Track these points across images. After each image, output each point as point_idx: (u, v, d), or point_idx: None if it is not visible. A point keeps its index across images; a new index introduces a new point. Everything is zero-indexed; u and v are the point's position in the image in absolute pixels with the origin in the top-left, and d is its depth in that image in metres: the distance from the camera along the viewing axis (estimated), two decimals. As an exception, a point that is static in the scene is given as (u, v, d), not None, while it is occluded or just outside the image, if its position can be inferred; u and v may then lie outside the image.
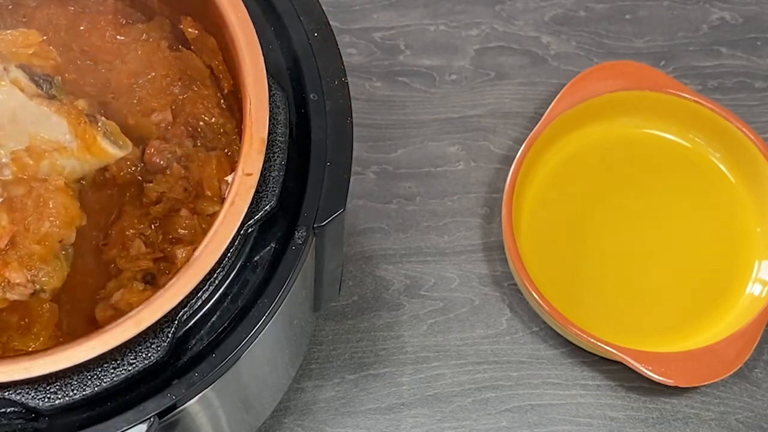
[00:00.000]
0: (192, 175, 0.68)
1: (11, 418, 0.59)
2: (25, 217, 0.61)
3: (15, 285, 0.61)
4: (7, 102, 0.60)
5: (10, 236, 0.60)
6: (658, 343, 0.86)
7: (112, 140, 0.63)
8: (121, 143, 0.64)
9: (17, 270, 0.60)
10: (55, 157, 0.62)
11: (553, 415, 0.86)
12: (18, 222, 0.61)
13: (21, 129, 0.61)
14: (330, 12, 0.69)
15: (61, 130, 0.61)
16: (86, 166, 0.63)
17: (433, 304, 0.89)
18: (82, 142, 0.62)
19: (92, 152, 0.62)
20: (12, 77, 0.60)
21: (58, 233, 0.61)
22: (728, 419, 0.86)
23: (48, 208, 0.61)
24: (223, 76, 0.70)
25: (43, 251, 0.61)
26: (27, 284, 0.61)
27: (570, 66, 0.98)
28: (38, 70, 0.62)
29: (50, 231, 0.61)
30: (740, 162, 0.92)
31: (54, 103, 0.61)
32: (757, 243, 0.90)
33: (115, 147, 0.64)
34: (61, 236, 0.62)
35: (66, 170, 0.62)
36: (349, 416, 0.85)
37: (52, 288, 0.62)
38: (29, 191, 0.61)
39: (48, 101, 0.61)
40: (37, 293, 0.62)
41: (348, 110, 0.66)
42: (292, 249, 0.62)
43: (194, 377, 0.59)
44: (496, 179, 0.94)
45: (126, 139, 0.65)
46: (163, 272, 0.66)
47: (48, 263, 0.61)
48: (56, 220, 0.61)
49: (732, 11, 1.02)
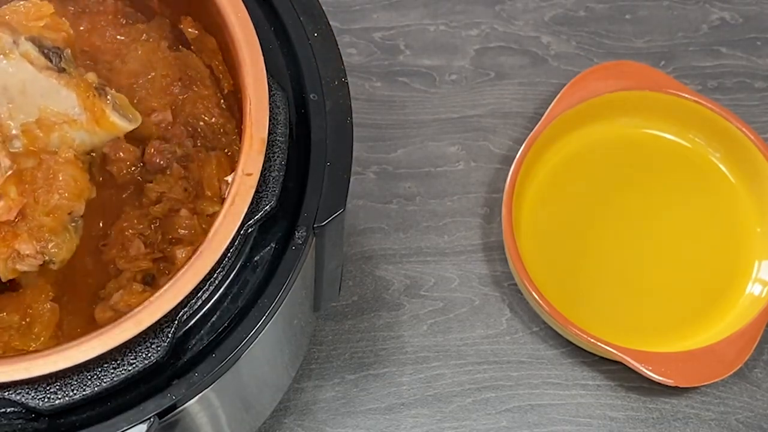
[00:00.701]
0: (192, 175, 0.68)
1: (11, 418, 0.59)
2: (35, 189, 0.61)
3: (25, 256, 0.61)
4: (16, 75, 0.60)
5: (20, 208, 0.61)
6: (658, 343, 0.86)
7: (121, 113, 0.64)
8: (131, 116, 0.65)
9: (27, 241, 0.61)
10: (64, 129, 0.62)
11: (553, 415, 0.86)
12: (28, 194, 0.61)
13: (30, 102, 0.61)
14: (330, 12, 0.69)
15: (70, 103, 0.62)
16: (96, 139, 0.64)
17: (433, 304, 0.89)
18: (91, 114, 0.62)
19: (101, 125, 0.63)
20: (22, 50, 0.61)
21: (68, 205, 0.62)
22: (728, 419, 0.86)
23: (57, 180, 0.62)
24: (223, 76, 0.70)
25: (52, 223, 0.62)
26: (36, 255, 0.61)
27: (570, 66, 0.98)
28: (48, 43, 0.62)
29: (60, 203, 0.62)
30: (740, 162, 0.92)
31: (63, 76, 0.62)
32: (757, 243, 0.90)
33: (124, 120, 0.64)
34: (71, 208, 0.62)
35: (76, 142, 0.63)
36: (349, 416, 0.85)
37: (61, 259, 0.63)
38: (39, 163, 0.62)
39: (57, 74, 0.61)
40: (47, 264, 0.62)
41: (348, 110, 0.66)
42: (292, 249, 0.62)
43: (194, 377, 0.59)
44: (496, 179, 0.94)
45: (135, 112, 0.66)
46: (163, 272, 0.66)
47: (57, 235, 0.62)
48: (65, 192, 0.62)
49: (732, 11, 1.02)
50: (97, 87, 0.63)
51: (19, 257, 0.61)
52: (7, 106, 0.61)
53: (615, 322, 0.87)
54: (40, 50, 0.61)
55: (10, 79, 0.60)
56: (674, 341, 0.87)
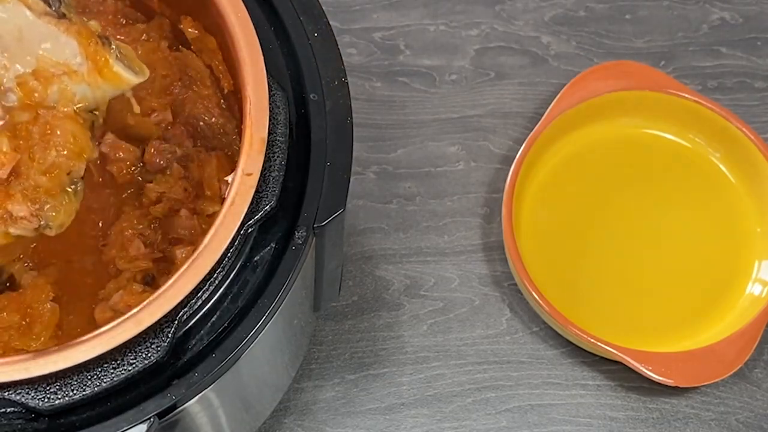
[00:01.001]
0: (192, 175, 0.68)
1: (11, 418, 0.59)
2: (30, 145, 0.57)
3: (18, 218, 0.57)
4: (12, 20, 0.56)
5: (13, 165, 0.56)
6: (658, 343, 0.86)
7: (126, 64, 0.59)
8: (137, 69, 0.60)
9: (20, 202, 0.57)
10: (64, 81, 0.57)
11: (553, 415, 0.86)
12: (22, 150, 0.57)
13: (27, 50, 0.56)
14: (330, 12, 0.69)
15: (70, 52, 0.57)
16: (98, 93, 0.59)
17: (433, 304, 0.89)
18: (93, 64, 0.57)
19: (104, 76, 0.58)
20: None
21: (66, 164, 0.58)
22: (728, 419, 0.86)
23: (55, 136, 0.57)
24: (223, 76, 0.70)
25: (49, 183, 0.57)
26: (31, 218, 0.57)
27: (570, 66, 0.98)
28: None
29: (57, 161, 0.57)
30: (740, 162, 0.92)
31: (63, 22, 0.57)
32: (757, 243, 0.90)
33: (130, 72, 0.59)
34: (69, 168, 0.58)
35: (77, 97, 0.58)
36: (349, 416, 0.85)
37: (59, 223, 0.59)
38: (35, 118, 0.57)
39: (57, 20, 0.57)
40: (42, 229, 0.58)
41: (348, 110, 0.66)
42: (292, 249, 0.62)
43: (194, 377, 0.59)
44: (496, 179, 0.94)
45: (142, 65, 0.61)
46: (163, 272, 0.66)
47: (55, 197, 0.58)
48: (64, 150, 0.57)
49: (732, 11, 1.01)
50: (101, 35, 0.58)
51: (12, 220, 0.57)
52: (2, 56, 0.56)
53: (615, 322, 0.87)
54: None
55: (5, 26, 0.55)
56: (674, 341, 0.87)
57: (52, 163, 0.57)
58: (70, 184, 0.59)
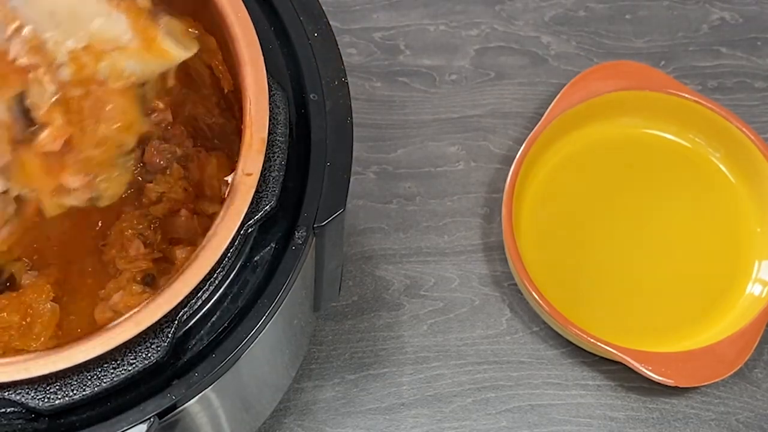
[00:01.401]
0: (192, 175, 0.68)
1: (11, 418, 0.59)
2: (82, 119, 0.58)
3: (72, 190, 0.58)
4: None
5: (66, 138, 0.57)
6: (658, 343, 0.86)
7: (175, 40, 0.60)
8: (186, 44, 0.61)
9: (74, 174, 0.58)
10: (114, 57, 0.58)
11: (553, 415, 0.86)
12: (74, 124, 0.58)
13: (79, 25, 0.57)
14: (330, 12, 0.69)
15: (121, 27, 0.58)
16: (147, 69, 0.60)
17: (433, 304, 0.89)
18: (142, 40, 0.58)
19: (153, 51, 0.59)
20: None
21: (117, 137, 0.59)
22: (728, 419, 0.86)
23: (106, 110, 0.58)
24: (223, 76, 0.70)
25: (101, 156, 0.59)
26: (84, 189, 0.59)
27: (570, 66, 0.98)
28: None
29: (108, 134, 0.58)
30: (740, 162, 0.92)
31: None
32: (757, 243, 0.90)
33: (179, 47, 0.60)
34: (120, 141, 0.59)
35: (126, 72, 0.59)
36: (349, 416, 0.85)
37: (111, 195, 0.60)
38: (86, 93, 0.58)
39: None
40: (94, 201, 0.60)
41: (348, 110, 0.66)
42: (292, 249, 0.62)
43: (194, 377, 0.59)
44: (496, 179, 0.94)
45: (193, 40, 0.62)
46: (163, 273, 0.66)
47: (107, 169, 0.59)
48: (114, 124, 0.58)
49: (732, 11, 1.01)
50: (150, 11, 0.59)
51: (66, 191, 0.58)
52: (55, 31, 0.56)
53: (615, 322, 0.87)
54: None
55: (58, 2, 0.56)
56: (674, 341, 0.87)
57: (104, 137, 0.58)
58: (122, 156, 0.60)
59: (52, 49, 0.57)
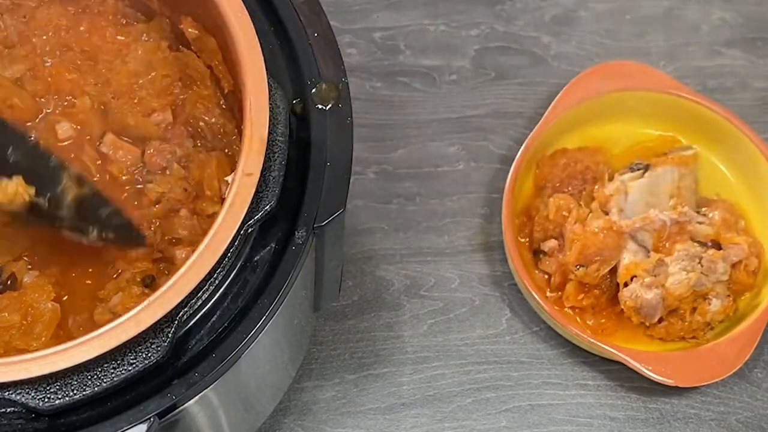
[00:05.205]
0: (192, 175, 0.68)
1: (11, 418, 0.59)
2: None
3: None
4: None
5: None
6: (658, 343, 0.86)
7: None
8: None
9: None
10: None
11: (553, 415, 0.86)
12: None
13: None
14: (330, 12, 0.69)
15: None
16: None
17: (433, 304, 0.89)
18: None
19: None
20: None
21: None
22: (728, 419, 0.86)
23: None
24: (223, 76, 0.70)
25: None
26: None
27: (570, 66, 0.98)
28: None
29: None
30: (740, 162, 0.92)
31: None
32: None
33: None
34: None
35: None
36: (349, 416, 0.85)
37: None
38: None
39: None
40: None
41: (348, 110, 0.66)
42: (292, 249, 0.62)
43: (194, 377, 0.59)
44: (496, 179, 0.94)
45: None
46: (163, 273, 0.66)
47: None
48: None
49: (732, 11, 1.02)
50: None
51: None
52: None
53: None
54: None
55: None
56: (674, 341, 0.87)
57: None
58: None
59: None
